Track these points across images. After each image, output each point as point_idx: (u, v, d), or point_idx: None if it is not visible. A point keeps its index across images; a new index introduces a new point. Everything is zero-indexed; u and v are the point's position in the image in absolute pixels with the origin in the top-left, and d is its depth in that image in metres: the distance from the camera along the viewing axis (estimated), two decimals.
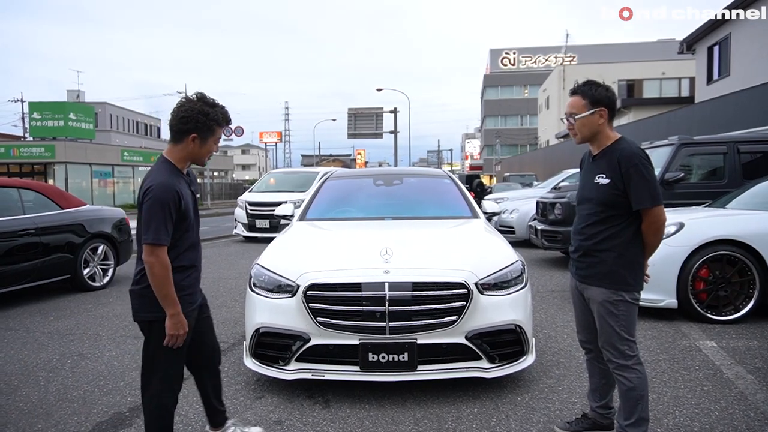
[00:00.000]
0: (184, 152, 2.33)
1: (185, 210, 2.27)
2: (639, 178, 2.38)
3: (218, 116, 2.33)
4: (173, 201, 2.21)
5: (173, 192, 2.21)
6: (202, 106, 2.29)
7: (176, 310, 2.24)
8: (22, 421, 3.14)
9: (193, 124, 2.27)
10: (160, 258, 2.19)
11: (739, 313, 4.79)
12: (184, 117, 2.27)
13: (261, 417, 3.11)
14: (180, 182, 2.29)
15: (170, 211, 2.20)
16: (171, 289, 2.22)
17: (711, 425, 2.91)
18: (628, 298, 2.47)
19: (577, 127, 2.52)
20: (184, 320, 2.27)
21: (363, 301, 3.15)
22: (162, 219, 2.18)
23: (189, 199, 2.34)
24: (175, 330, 2.25)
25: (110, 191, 35.72)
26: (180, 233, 2.30)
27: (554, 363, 3.93)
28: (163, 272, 2.19)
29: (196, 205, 2.43)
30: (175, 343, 2.28)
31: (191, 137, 2.29)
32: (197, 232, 2.45)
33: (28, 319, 5.60)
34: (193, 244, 2.39)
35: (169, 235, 2.21)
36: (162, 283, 2.19)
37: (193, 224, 2.38)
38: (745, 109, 12.79)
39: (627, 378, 2.46)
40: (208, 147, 2.35)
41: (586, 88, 2.51)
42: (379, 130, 30.20)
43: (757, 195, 5.56)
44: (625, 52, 47.37)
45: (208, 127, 2.30)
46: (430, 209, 4.96)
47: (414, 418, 3.06)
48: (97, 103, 48.92)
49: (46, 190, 6.95)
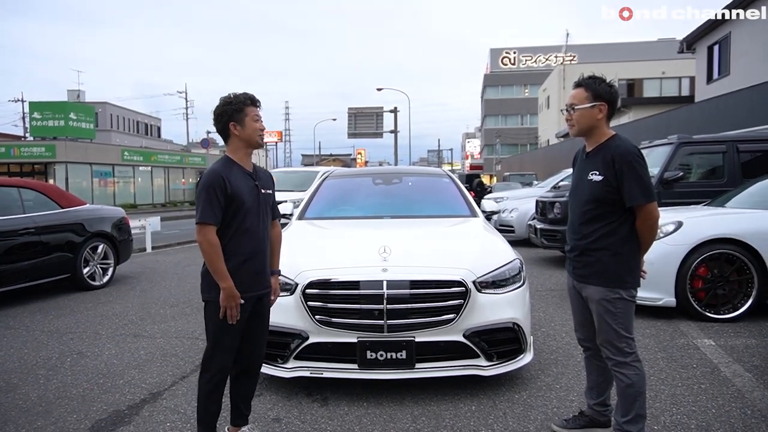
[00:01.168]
0: (234, 144, 2.54)
1: (233, 194, 2.43)
2: (632, 174, 2.39)
3: (241, 98, 2.52)
4: (218, 185, 2.41)
5: (218, 176, 2.42)
6: (225, 98, 2.54)
7: (227, 284, 2.40)
8: (22, 419, 3.16)
9: (225, 115, 2.50)
10: (207, 236, 2.39)
11: (737, 312, 4.80)
12: (217, 114, 2.52)
13: (259, 414, 3.12)
14: (232, 171, 2.49)
15: (216, 194, 2.40)
16: (220, 264, 2.40)
17: (708, 423, 2.92)
18: (626, 296, 2.48)
19: (575, 118, 2.53)
20: (236, 293, 2.41)
21: (361, 300, 3.17)
22: (207, 201, 2.40)
23: (243, 187, 2.49)
24: (227, 302, 2.40)
25: (111, 191, 35.76)
26: (230, 218, 2.46)
27: (552, 361, 3.94)
28: (210, 249, 2.40)
29: (258, 197, 2.56)
30: (231, 316, 2.42)
31: (231, 126, 2.50)
32: (257, 223, 2.56)
33: (28, 317, 5.61)
34: (248, 233, 2.50)
35: (216, 216, 2.41)
36: (211, 258, 2.40)
37: (249, 214, 2.50)
38: (744, 108, 12.79)
39: (625, 375, 2.47)
40: (250, 126, 2.52)
41: (590, 81, 2.53)
42: (380, 130, 30.20)
43: (756, 194, 5.57)
44: (625, 51, 47.32)
45: (237, 109, 2.49)
46: (429, 208, 4.96)
47: (412, 416, 3.07)
48: (98, 102, 48.94)
49: (46, 190, 6.97)
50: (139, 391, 3.55)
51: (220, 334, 2.49)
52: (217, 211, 2.41)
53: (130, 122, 56.25)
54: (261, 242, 2.58)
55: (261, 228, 2.58)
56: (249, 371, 2.72)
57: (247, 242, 2.51)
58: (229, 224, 2.47)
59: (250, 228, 2.51)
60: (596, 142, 2.55)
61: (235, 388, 2.73)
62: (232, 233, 2.47)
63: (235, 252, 2.48)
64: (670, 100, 26.26)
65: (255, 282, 2.56)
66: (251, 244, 2.52)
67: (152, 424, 3.05)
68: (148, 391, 3.53)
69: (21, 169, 32.79)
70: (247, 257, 2.51)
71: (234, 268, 2.45)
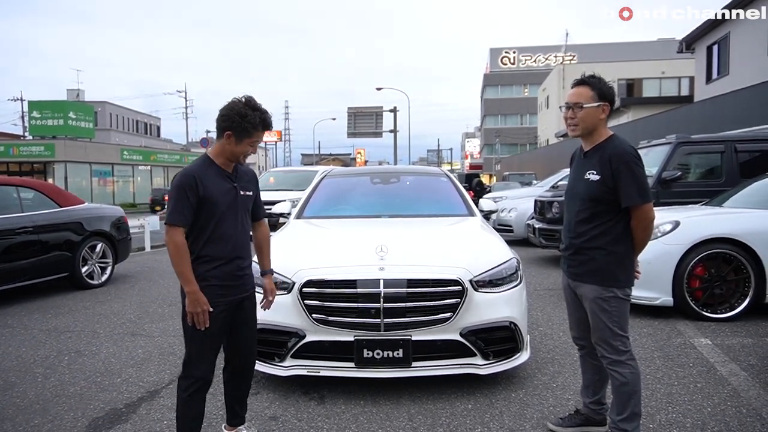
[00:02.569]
0: (221, 147, 2.45)
1: (205, 197, 2.36)
2: (629, 175, 2.39)
3: (256, 120, 2.40)
4: (189, 186, 2.33)
5: (191, 177, 2.34)
6: (243, 107, 2.40)
7: (192, 288, 2.32)
8: (19, 417, 3.16)
9: (229, 122, 2.38)
10: (174, 238, 2.31)
11: (734, 311, 4.81)
12: (224, 115, 2.40)
13: (256, 413, 3.12)
14: (208, 172, 2.41)
15: (186, 195, 2.33)
16: (185, 268, 2.32)
17: (703, 421, 2.93)
18: (620, 294, 2.49)
19: (579, 117, 2.50)
20: (202, 298, 2.33)
21: (358, 298, 3.17)
22: (177, 202, 2.32)
23: (218, 189, 2.40)
24: (192, 307, 2.33)
25: (110, 190, 35.76)
26: (203, 221, 2.38)
27: (549, 360, 3.95)
28: (175, 251, 2.32)
29: (236, 200, 2.47)
30: (198, 322, 2.34)
31: (227, 134, 2.40)
32: (235, 226, 2.47)
33: (26, 316, 5.62)
34: (223, 237, 2.42)
35: (184, 217, 2.33)
36: (176, 261, 2.32)
37: (225, 217, 2.42)
38: (744, 108, 12.79)
39: (620, 373, 2.48)
40: (243, 147, 2.43)
41: (595, 81, 2.51)
42: (379, 130, 30.17)
43: (754, 193, 5.57)
44: (625, 51, 47.33)
45: (243, 128, 2.38)
46: (427, 207, 4.97)
47: (408, 414, 3.07)
48: (97, 102, 48.96)
49: (44, 189, 6.97)
50: (136, 389, 3.56)
51: (194, 341, 2.41)
52: (187, 213, 2.33)
53: (129, 121, 56.26)
54: (239, 246, 2.49)
55: (239, 231, 2.49)
56: (241, 371, 2.67)
57: (224, 246, 2.43)
58: (204, 227, 2.39)
59: (226, 232, 2.43)
60: (594, 142, 2.54)
61: (229, 389, 2.69)
62: (207, 237, 2.40)
63: (211, 256, 2.40)
64: (669, 99, 26.25)
65: (232, 287, 2.47)
66: (228, 248, 2.44)
67: (149, 422, 3.06)
68: (146, 390, 3.54)
69: (20, 168, 32.78)
70: (223, 261, 2.43)
71: (208, 272, 2.38)
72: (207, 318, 2.35)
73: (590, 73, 2.61)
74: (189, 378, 2.43)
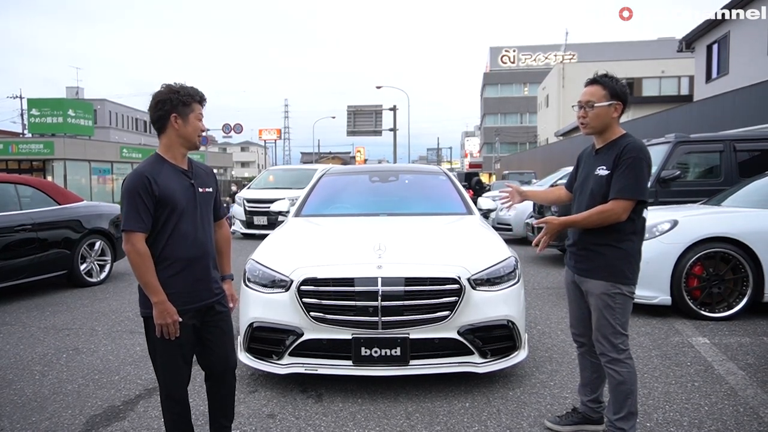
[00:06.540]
0: (170, 139, 2.29)
1: (162, 196, 2.20)
2: (632, 167, 2.39)
3: (190, 91, 2.30)
4: (142, 188, 2.17)
5: (142, 178, 2.18)
6: (170, 87, 2.29)
7: (159, 298, 2.17)
8: (17, 414, 3.16)
9: (168, 104, 2.25)
10: (135, 246, 2.16)
11: (732, 310, 4.81)
12: (158, 101, 2.26)
13: (254, 411, 3.13)
14: (161, 170, 2.25)
15: (141, 197, 2.17)
16: (150, 277, 2.17)
17: (700, 420, 2.93)
18: (626, 291, 2.49)
19: (591, 116, 2.50)
20: (170, 308, 2.19)
21: (356, 296, 3.17)
22: (131, 206, 2.16)
23: (175, 187, 2.25)
24: (161, 319, 2.18)
25: (109, 188, 35.70)
26: (162, 223, 2.22)
27: (547, 359, 3.95)
28: (137, 259, 2.16)
29: (195, 198, 2.32)
30: (167, 333, 2.20)
31: (172, 118, 2.26)
32: (195, 226, 2.31)
33: (25, 314, 5.62)
34: (183, 235, 2.26)
35: (143, 222, 2.18)
36: (139, 270, 2.17)
37: (184, 217, 2.27)
38: (743, 107, 12.79)
39: (617, 372, 2.48)
40: (192, 124, 2.29)
41: (608, 80, 2.51)
42: (379, 128, 30.21)
43: (752, 193, 5.58)
44: (625, 50, 47.30)
45: (183, 102, 2.26)
46: (425, 205, 4.97)
47: (406, 412, 3.08)
48: (96, 99, 48.87)
49: (43, 186, 6.96)
50: (134, 387, 3.56)
51: (162, 355, 2.27)
52: (145, 217, 2.17)
53: (128, 119, 56.17)
54: (201, 247, 2.31)
55: (200, 231, 2.32)
56: (219, 376, 2.48)
57: (184, 248, 2.26)
58: (162, 229, 2.22)
59: (186, 232, 2.26)
60: (607, 139, 2.55)
61: (210, 396, 2.51)
62: (166, 239, 2.22)
63: (171, 259, 2.23)
64: (669, 99, 26.29)
65: (197, 291, 2.31)
66: (189, 249, 2.27)
67: (147, 419, 3.06)
68: (144, 387, 3.54)
69: (19, 165, 32.73)
70: (185, 265, 2.26)
71: (171, 278, 2.22)
72: (177, 328, 2.21)
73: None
74: (169, 400, 2.33)
